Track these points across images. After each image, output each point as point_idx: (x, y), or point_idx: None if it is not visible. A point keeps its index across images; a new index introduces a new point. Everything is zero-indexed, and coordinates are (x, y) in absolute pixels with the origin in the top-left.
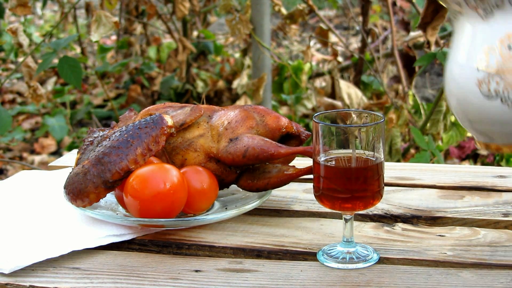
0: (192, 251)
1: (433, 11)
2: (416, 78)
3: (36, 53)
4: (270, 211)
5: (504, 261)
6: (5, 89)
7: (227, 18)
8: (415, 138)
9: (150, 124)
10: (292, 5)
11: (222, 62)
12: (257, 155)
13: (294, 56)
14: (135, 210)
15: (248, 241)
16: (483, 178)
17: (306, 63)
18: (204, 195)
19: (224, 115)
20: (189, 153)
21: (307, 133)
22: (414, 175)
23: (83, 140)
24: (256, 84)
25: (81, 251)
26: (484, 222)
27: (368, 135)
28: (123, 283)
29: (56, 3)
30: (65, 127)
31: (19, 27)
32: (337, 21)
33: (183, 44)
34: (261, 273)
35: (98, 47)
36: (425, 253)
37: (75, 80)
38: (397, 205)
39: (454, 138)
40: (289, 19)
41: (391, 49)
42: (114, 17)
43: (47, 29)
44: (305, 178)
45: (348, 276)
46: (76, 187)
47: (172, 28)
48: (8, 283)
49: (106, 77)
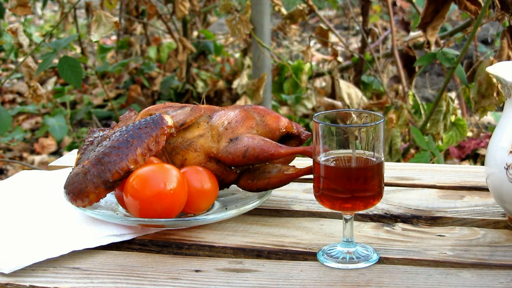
0: (192, 251)
1: (433, 11)
2: (416, 78)
3: (36, 53)
4: (270, 211)
5: (504, 261)
6: (5, 89)
7: (227, 18)
8: (415, 138)
9: (150, 124)
10: (292, 5)
11: (222, 62)
12: (257, 155)
13: (294, 56)
14: (135, 210)
15: (248, 241)
16: (483, 178)
17: (306, 63)
18: (204, 195)
19: (224, 115)
20: (189, 153)
21: (307, 133)
22: (414, 175)
23: (83, 140)
24: (256, 84)
25: (81, 251)
26: (484, 222)
27: (368, 135)
28: (123, 283)
29: (56, 3)
30: (65, 127)
31: (19, 27)
32: (337, 21)
33: (183, 44)
34: (261, 273)
35: (98, 47)
36: (425, 253)
37: (75, 80)
38: (397, 205)
39: (454, 138)
40: (289, 19)
41: (391, 49)
42: (114, 17)
43: (47, 29)
44: (305, 178)
45: (348, 276)
46: (76, 187)
47: (172, 28)
48: (8, 283)
49: (106, 77)
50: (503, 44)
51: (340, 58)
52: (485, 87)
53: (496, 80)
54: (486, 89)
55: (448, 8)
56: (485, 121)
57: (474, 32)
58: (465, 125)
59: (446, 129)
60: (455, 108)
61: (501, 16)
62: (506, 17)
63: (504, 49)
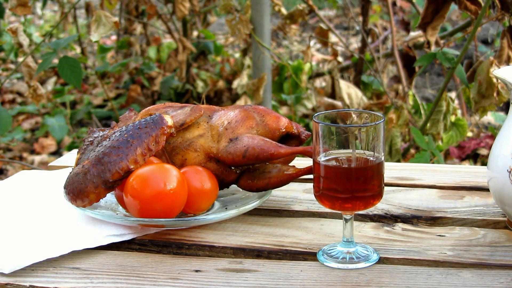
0: (192, 251)
1: (433, 11)
2: (416, 78)
3: (36, 53)
4: (270, 211)
5: (504, 261)
6: (5, 89)
7: (227, 18)
8: (415, 138)
9: (150, 124)
10: (292, 5)
11: (222, 62)
12: (257, 155)
13: (294, 56)
14: (135, 210)
15: (248, 241)
16: (483, 178)
17: (306, 63)
18: (204, 195)
19: (224, 115)
20: (189, 153)
21: (307, 133)
22: (414, 175)
23: (83, 140)
24: (256, 84)
25: (81, 251)
26: (484, 222)
27: (368, 135)
28: (123, 283)
29: (56, 3)
30: (65, 127)
31: (19, 27)
32: (337, 21)
33: (183, 44)
34: (261, 273)
35: (98, 47)
36: (425, 253)
37: (75, 80)
38: (397, 205)
39: (454, 138)
40: (289, 19)
41: (391, 49)
42: (114, 17)
43: (47, 29)
44: (305, 178)
45: (348, 276)
46: (76, 187)
47: (172, 28)
48: (8, 283)
49: (106, 77)
50: (503, 44)
51: (340, 58)
52: (485, 87)
53: (497, 81)
54: (486, 89)
55: (448, 8)
56: (485, 121)
57: (474, 32)
58: (465, 125)
59: (446, 129)
60: (455, 108)
61: (501, 16)
62: (506, 17)
63: (504, 49)
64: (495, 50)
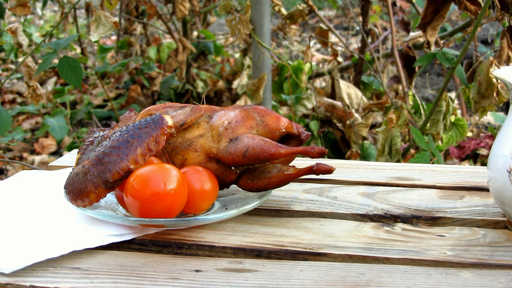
0: (192, 251)
1: (433, 11)
2: (416, 78)
3: (36, 53)
4: (270, 211)
5: (504, 261)
6: (5, 89)
7: (227, 18)
8: (415, 138)
9: (150, 124)
10: (292, 5)
11: (222, 62)
12: (257, 155)
13: (294, 56)
14: (135, 210)
15: (248, 241)
16: (483, 179)
17: (306, 63)
18: (204, 195)
19: (224, 115)
20: (189, 153)
21: (307, 133)
22: (414, 175)
23: (83, 140)
24: (256, 84)
25: (81, 251)
26: (484, 222)
27: None
28: (123, 283)
29: (56, 3)
30: (65, 127)
31: (19, 27)
32: (337, 21)
33: (183, 44)
34: (261, 273)
35: (98, 47)
36: (425, 253)
37: (75, 80)
38: (397, 205)
39: (454, 138)
40: (289, 19)
41: (391, 49)
42: (114, 17)
43: (47, 29)
44: (305, 178)
45: (348, 276)
46: (76, 187)
47: (172, 28)
48: (8, 283)
49: (106, 77)
50: (503, 44)
51: (340, 58)
52: (485, 87)
53: (496, 81)
54: (486, 89)
55: (448, 8)
56: (485, 121)
57: (474, 32)
58: (465, 125)
59: (446, 129)
60: (455, 108)
61: (501, 16)
62: (506, 17)
63: (504, 49)
64: (495, 50)
